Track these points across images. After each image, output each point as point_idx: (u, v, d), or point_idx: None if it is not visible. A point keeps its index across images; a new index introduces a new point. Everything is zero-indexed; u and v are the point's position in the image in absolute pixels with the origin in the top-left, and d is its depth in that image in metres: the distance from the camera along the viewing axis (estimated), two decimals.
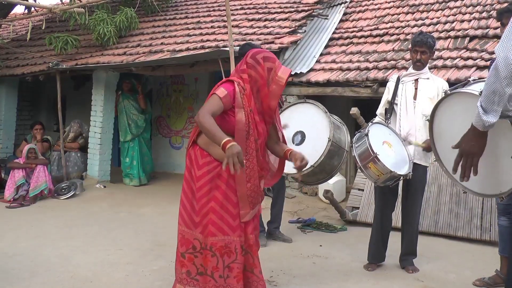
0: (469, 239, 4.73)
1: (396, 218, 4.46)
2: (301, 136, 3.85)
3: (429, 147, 3.40)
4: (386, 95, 4.00)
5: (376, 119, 3.99)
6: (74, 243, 4.53)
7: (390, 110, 3.90)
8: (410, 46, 3.95)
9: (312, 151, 3.71)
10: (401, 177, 3.63)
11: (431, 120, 2.36)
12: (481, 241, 4.67)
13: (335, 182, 6.31)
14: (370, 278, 3.71)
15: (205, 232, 2.73)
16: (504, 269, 3.45)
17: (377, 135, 3.63)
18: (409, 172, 3.60)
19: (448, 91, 2.28)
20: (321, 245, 4.58)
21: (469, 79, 2.33)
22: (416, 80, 3.85)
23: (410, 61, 3.99)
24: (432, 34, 6.78)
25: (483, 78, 2.04)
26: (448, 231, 4.86)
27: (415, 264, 3.90)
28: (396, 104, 3.87)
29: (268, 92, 2.76)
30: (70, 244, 4.51)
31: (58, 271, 3.76)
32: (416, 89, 3.83)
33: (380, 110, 4.04)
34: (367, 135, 3.54)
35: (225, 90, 2.72)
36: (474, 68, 5.63)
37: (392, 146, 3.67)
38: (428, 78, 3.86)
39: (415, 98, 3.80)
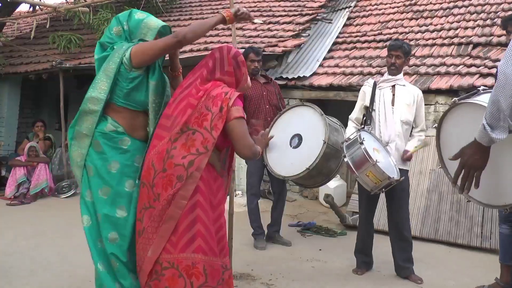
0: (469, 246, 4.72)
1: (384, 222, 4.43)
2: (298, 139, 3.84)
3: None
4: (362, 101, 3.91)
5: (364, 128, 3.83)
6: (74, 242, 4.52)
7: (369, 116, 3.81)
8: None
9: (309, 153, 3.70)
10: (394, 183, 3.58)
11: (439, 127, 2.35)
12: (481, 249, 4.65)
13: (336, 187, 6.31)
14: (369, 283, 3.70)
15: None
16: (504, 277, 3.44)
17: (369, 142, 3.54)
18: (402, 177, 3.56)
19: (457, 100, 2.27)
20: (320, 249, 4.57)
21: (478, 88, 2.31)
22: (393, 86, 3.83)
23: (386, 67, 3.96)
24: (435, 40, 6.88)
25: (492, 86, 2.01)
26: (448, 238, 4.84)
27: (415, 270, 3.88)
28: (374, 110, 3.81)
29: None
30: (70, 243, 4.50)
31: (57, 270, 3.76)
32: (393, 95, 3.81)
33: (356, 115, 3.93)
34: (362, 143, 3.41)
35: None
36: (477, 76, 5.62)
37: (380, 152, 3.59)
38: (404, 85, 3.86)
39: (393, 104, 3.78)
